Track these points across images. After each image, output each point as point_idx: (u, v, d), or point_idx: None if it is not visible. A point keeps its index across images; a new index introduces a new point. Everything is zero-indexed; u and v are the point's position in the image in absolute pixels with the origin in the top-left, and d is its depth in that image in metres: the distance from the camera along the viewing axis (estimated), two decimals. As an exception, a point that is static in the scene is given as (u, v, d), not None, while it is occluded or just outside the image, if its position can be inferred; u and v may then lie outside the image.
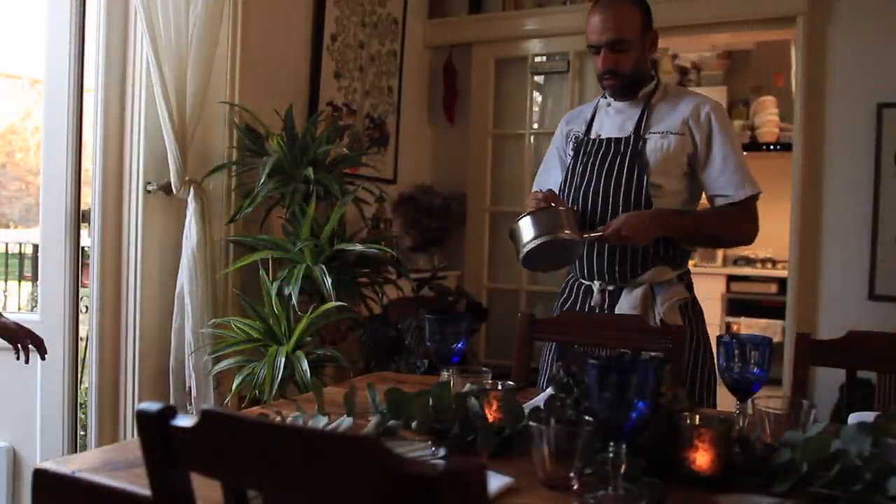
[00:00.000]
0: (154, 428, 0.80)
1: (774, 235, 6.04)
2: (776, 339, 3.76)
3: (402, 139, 4.15)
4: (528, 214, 2.02)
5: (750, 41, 5.76)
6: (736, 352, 1.37)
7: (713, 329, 6.34)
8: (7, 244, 4.12)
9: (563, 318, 2.06)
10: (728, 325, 5.91)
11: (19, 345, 2.20)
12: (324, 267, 2.76)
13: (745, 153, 6.53)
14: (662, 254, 2.12)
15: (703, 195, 2.22)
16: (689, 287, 2.22)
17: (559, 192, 2.26)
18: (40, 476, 1.14)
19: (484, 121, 4.27)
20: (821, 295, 3.52)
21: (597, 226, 2.12)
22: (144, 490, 0.87)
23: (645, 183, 2.09)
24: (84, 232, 2.78)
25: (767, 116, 5.92)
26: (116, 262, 2.78)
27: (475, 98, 4.29)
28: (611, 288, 2.15)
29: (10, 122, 4.09)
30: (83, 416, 2.97)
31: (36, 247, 3.17)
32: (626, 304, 2.11)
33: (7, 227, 3.92)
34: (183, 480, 0.82)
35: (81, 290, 2.78)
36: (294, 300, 2.69)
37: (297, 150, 2.95)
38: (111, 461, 1.20)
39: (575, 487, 1.12)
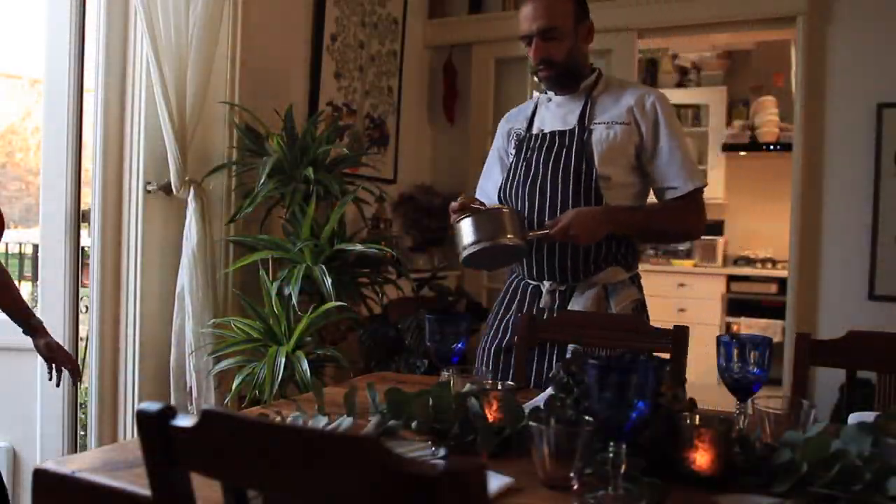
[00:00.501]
0: (154, 428, 0.80)
1: (774, 235, 6.09)
2: (776, 339, 3.76)
3: (402, 139, 4.15)
4: (468, 216, 1.94)
5: (750, 41, 5.76)
6: (736, 352, 1.37)
7: (713, 329, 6.32)
8: (7, 244, 4.11)
9: (563, 318, 2.04)
10: (728, 325, 5.91)
11: (54, 366, 2.18)
12: (324, 267, 2.76)
13: (743, 153, 6.53)
14: (615, 252, 2.07)
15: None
16: (640, 289, 2.17)
17: (500, 191, 2.20)
18: (40, 476, 1.14)
19: (484, 121, 4.27)
20: (821, 295, 3.52)
21: (544, 222, 2.03)
22: (144, 490, 0.87)
23: (594, 174, 2.03)
24: (84, 232, 2.78)
25: (767, 116, 5.93)
26: (116, 262, 2.78)
27: (475, 98, 4.29)
28: (562, 288, 2.08)
29: (10, 122, 4.09)
30: (83, 416, 2.97)
31: (36, 247, 3.17)
32: (578, 305, 2.06)
33: (7, 227, 3.91)
34: (183, 480, 0.82)
35: (81, 290, 2.79)
36: (294, 300, 2.69)
37: (297, 150, 2.95)
38: (111, 461, 1.20)
39: (575, 487, 1.12)
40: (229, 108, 2.98)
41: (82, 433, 2.94)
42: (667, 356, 1.84)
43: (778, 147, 5.86)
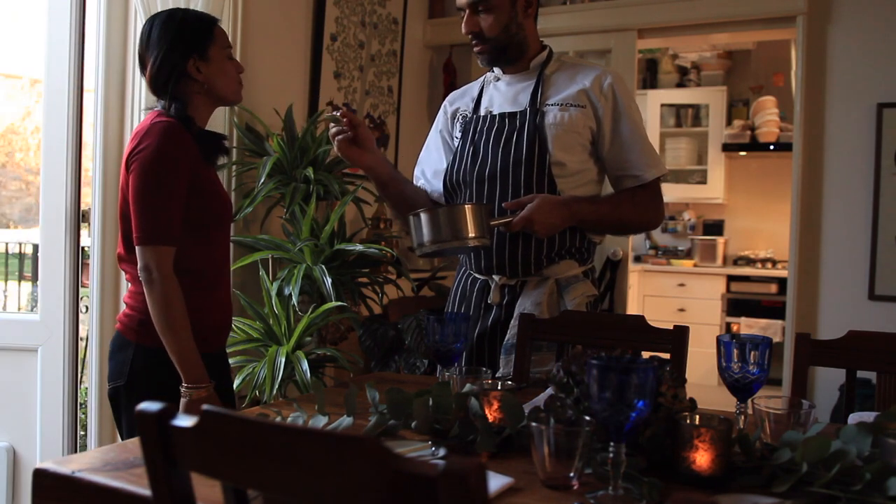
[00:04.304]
0: (154, 428, 0.80)
1: (774, 235, 6.10)
2: (776, 339, 3.77)
3: (402, 139, 4.15)
4: (423, 213, 1.81)
5: (750, 41, 5.77)
6: (736, 352, 1.37)
7: (713, 329, 6.32)
8: (7, 244, 4.11)
9: (563, 317, 2.02)
10: (728, 325, 5.91)
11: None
12: (324, 267, 2.76)
13: (743, 153, 6.54)
14: (570, 245, 1.98)
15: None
16: (595, 283, 2.08)
17: (447, 178, 2.08)
18: (40, 476, 1.14)
19: (484, 121, 4.26)
20: (821, 295, 3.52)
21: (494, 212, 1.92)
22: (144, 490, 0.87)
23: (547, 161, 1.92)
24: (84, 232, 2.77)
25: (767, 116, 5.93)
26: (116, 262, 2.77)
27: (475, 98, 4.29)
28: (511, 283, 1.99)
29: (10, 122, 4.09)
30: (83, 416, 2.97)
31: (36, 247, 3.17)
32: (529, 300, 1.96)
33: (7, 227, 3.92)
34: (183, 480, 0.82)
35: (81, 290, 2.78)
36: (294, 300, 2.69)
37: (297, 150, 2.95)
38: (111, 461, 1.20)
39: (575, 487, 1.12)
40: (229, 108, 2.97)
41: (82, 433, 2.94)
42: (667, 356, 1.83)
43: (778, 147, 5.87)
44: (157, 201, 1.72)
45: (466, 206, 1.81)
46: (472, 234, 1.78)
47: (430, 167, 2.19)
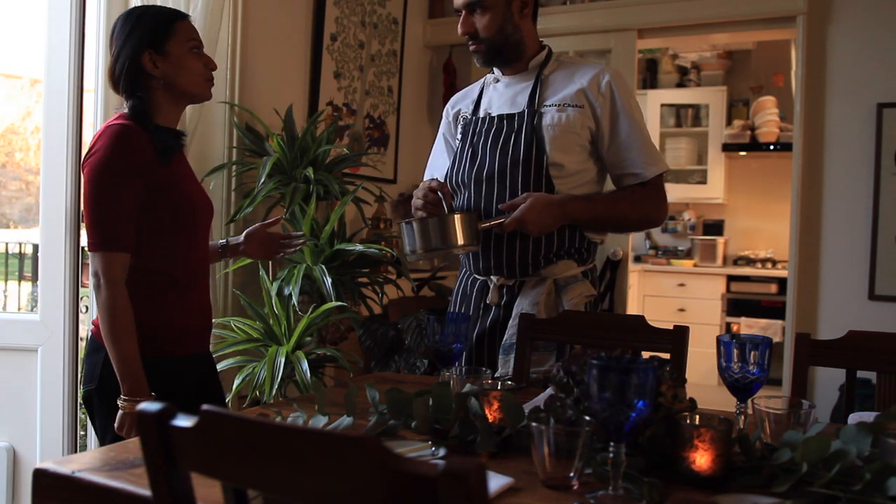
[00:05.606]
0: (154, 428, 0.80)
1: (774, 235, 6.10)
2: (776, 339, 3.77)
3: (402, 139, 4.15)
4: (415, 221, 1.87)
5: (750, 41, 5.77)
6: (736, 352, 1.37)
7: (713, 329, 6.31)
8: (7, 244, 4.11)
9: (563, 318, 2.02)
10: (728, 325, 5.91)
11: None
12: (324, 267, 2.76)
13: (743, 153, 6.54)
14: (568, 246, 1.98)
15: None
16: (595, 283, 2.07)
17: (447, 179, 2.10)
18: (40, 476, 1.14)
19: (484, 121, 4.26)
20: (821, 295, 3.52)
21: (492, 214, 1.94)
22: (144, 490, 0.87)
23: (545, 163, 1.93)
24: (84, 232, 2.77)
25: (767, 116, 5.94)
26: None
27: (475, 98, 4.28)
28: (510, 283, 2.00)
29: (10, 122, 4.09)
30: (83, 416, 2.97)
31: (36, 247, 3.17)
32: (527, 301, 1.97)
33: (7, 227, 3.91)
34: (183, 480, 0.82)
35: (81, 290, 2.78)
36: (294, 300, 2.69)
37: (297, 150, 2.95)
38: (111, 461, 1.20)
39: (575, 487, 1.12)
40: (229, 109, 2.98)
41: (82, 433, 2.94)
42: (667, 356, 1.83)
43: (778, 147, 5.87)
44: (105, 207, 1.68)
45: (455, 215, 1.87)
46: (460, 242, 1.87)
47: (438, 172, 2.20)
